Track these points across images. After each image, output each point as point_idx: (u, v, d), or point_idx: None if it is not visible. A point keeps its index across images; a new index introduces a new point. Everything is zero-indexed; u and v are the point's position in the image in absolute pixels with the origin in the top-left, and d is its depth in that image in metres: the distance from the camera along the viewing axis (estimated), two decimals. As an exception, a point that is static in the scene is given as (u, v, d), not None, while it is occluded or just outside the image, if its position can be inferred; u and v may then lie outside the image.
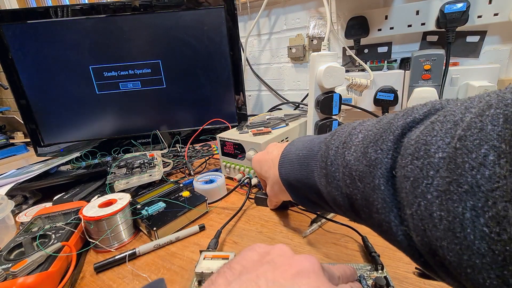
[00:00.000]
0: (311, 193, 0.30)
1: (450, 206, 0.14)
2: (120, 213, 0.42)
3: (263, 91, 1.03)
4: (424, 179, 0.16)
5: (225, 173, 0.61)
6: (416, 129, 0.19)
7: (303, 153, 0.31)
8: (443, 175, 0.15)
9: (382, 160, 0.20)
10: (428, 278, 0.31)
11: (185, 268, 0.36)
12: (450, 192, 0.14)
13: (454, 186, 0.14)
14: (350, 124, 0.27)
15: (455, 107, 0.17)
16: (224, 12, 0.71)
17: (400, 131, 0.20)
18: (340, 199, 0.25)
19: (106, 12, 0.68)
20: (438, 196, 0.15)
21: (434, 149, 0.16)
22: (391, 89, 0.69)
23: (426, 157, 0.16)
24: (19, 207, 0.56)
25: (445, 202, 0.15)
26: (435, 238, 0.15)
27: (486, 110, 0.14)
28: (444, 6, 0.60)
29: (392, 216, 0.19)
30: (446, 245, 0.15)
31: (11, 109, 1.44)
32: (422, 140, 0.17)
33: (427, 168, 0.16)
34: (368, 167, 0.21)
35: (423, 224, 0.16)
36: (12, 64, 0.68)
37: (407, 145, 0.18)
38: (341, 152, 0.24)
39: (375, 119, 0.24)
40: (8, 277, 0.32)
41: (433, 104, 0.20)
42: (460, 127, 0.15)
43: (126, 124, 0.77)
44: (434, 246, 0.16)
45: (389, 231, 0.20)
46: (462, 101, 0.17)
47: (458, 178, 0.14)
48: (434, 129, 0.17)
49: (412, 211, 0.17)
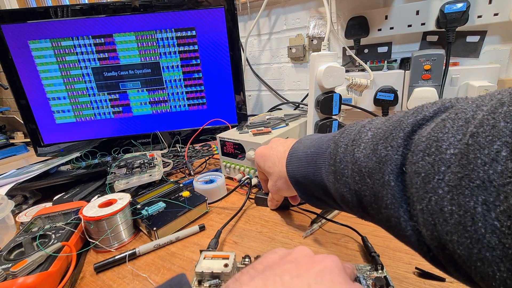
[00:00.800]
0: (318, 190, 0.31)
1: (462, 201, 0.15)
2: (120, 213, 0.42)
3: (263, 91, 1.03)
4: (435, 175, 0.16)
5: (225, 173, 0.61)
6: (426, 126, 0.19)
7: (311, 150, 0.31)
8: (455, 170, 0.15)
9: (392, 157, 0.20)
10: (428, 278, 0.31)
11: (185, 268, 0.36)
12: (461, 187, 0.15)
13: (465, 181, 0.14)
14: (359, 122, 0.27)
15: (466, 105, 0.17)
16: (224, 12, 0.71)
17: (410, 129, 0.20)
18: (348, 195, 0.25)
19: (106, 12, 0.68)
20: (449, 191, 0.15)
21: (446, 146, 0.16)
22: (391, 89, 0.69)
23: (438, 153, 0.17)
24: (19, 207, 0.56)
25: (457, 197, 0.15)
26: (445, 232, 0.16)
27: (499, 108, 0.14)
28: (444, 6, 0.60)
29: (401, 211, 0.19)
30: (456, 239, 0.15)
31: (11, 109, 1.44)
32: (433, 137, 0.17)
33: (438, 164, 0.16)
34: (377, 163, 0.21)
35: (433, 218, 0.16)
36: (12, 64, 0.68)
37: (417, 142, 0.19)
38: (351, 149, 0.25)
39: (385, 117, 0.25)
40: (8, 277, 0.32)
41: (442, 102, 0.20)
42: (472, 124, 0.15)
43: (126, 124, 0.77)
44: (444, 240, 0.16)
45: (398, 227, 0.20)
46: (473, 100, 0.17)
47: (470, 174, 0.14)
48: (446, 126, 0.17)
49: (422, 206, 0.17)
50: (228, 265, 0.31)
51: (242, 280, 0.20)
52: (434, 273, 0.31)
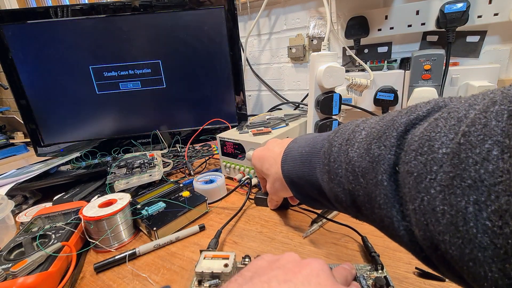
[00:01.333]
0: (313, 190, 0.30)
1: (453, 201, 0.14)
2: (120, 213, 0.42)
3: (263, 91, 1.03)
4: (427, 174, 0.16)
5: (225, 173, 0.61)
6: (419, 126, 0.19)
7: (306, 150, 0.31)
8: (447, 170, 0.15)
9: (385, 156, 0.20)
10: (428, 278, 0.31)
11: (185, 268, 0.36)
12: (453, 186, 0.15)
13: (457, 180, 0.14)
14: (353, 122, 0.27)
15: (458, 104, 0.17)
16: (224, 12, 0.71)
17: (403, 128, 0.20)
18: (342, 195, 0.25)
19: (106, 12, 0.68)
20: (441, 190, 0.15)
21: (438, 145, 0.16)
22: (391, 89, 0.69)
23: (430, 152, 0.16)
24: (19, 207, 0.56)
25: (448, 197, 0.15)
26: (437, 232, 0.16)
27: (491, 107, 0.14)
28: (444, 6, 0.60)
29: (394, 211, 0.19)
30: (448, 239, 0.15)
31: (11, 109, 1.44)
32: (426, 136, 0.17)
33: (430, 163, 0.16)
34: (371, 163, 0.21)
35: (425, 218, 0.16)
36: (12, 64, 0.68)
37: (410, 141, 0.19)
38: (344, 149, 0.25)
39: (378, 116, 0.24)
40: (8, 277, 0.32)
41: (436, 102, 0.20)
42: (464, 123, 0.15)
43: (126, 124, 0.77)
44: (436, 241, 0.16)
45: (391, 226, 0.20)
46: (466, 99, 0.17)
47: (462, 173, 0.14)
48: (438, 126, 0.17)
49: (414, 206, 0.17)
50: (228, 265, 0.31)
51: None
52: (434, 273, 0.31)
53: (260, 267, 0.22)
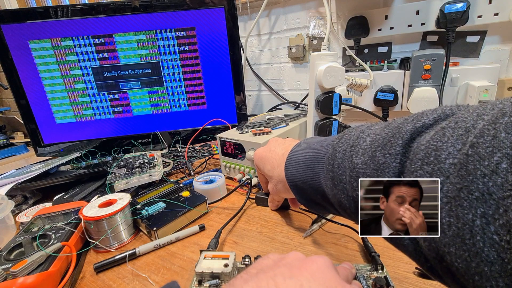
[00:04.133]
0: (317, 195, 0.30)
1: (460, 213, 0.14)
2: (120, 213, 0.42)
3: (263, 91, 1.03)
4: None
5: (225, 173, 0.61)
6: (426, 134, 0.19)
7: (310, 155, 0.31)
8: (454, 181, 0.15)
9: (390, 164, 0.20)
10: (428, 278, 0.31)
11: (185, 268, 0.36)
12: (460, 198, 0.14)
13: (464, 192, 0.14)
14: (358, 127, 0.27)
15: (466, 113, 0.17)
16: (224, 12, 0.71)
17: (409, 136, 0.19)
18: (346, 202, 0.25)
19: (106, 12, 0.68)
20: (447, 202, 0.15)
21: (445, 155, 0.16)
22: (391, 89, 0.69)
23: (436, 162, 0.16)
24: (19, 207, 0.56)
25: (455, 209, 0.15)
26: (443, 244, 0.15)
27: (500, 118, 0.14)
28: (444, 6, 0.60)
29: None
30: (454, 252, 0.15)
31: (11, 109, 1.44)
32: (432, 146, 0.17)
33: (437, 173, 0.16)
34: (375, 170, 0.21)
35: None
36: (12, 64, 0.68)
37: (416, 150, 0.18)
38: (349, 155, 0.24)
39: (384, 123, 0.24)
40: (8, 277, 0.32)
41: (443, 110, 0.20)
42: (472, 134, 0.15)
43: (126, 124, 0.77)
44: (442, 252, 0.16)
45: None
46: (474, 108, 0.17)
47: (469, 185, 0.14)
48: (445, 135, 0.17)
49: None
50: (228, 265, 0.31)
51: (235, 284, 0.20)
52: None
53: (266, 265, 0.22)
